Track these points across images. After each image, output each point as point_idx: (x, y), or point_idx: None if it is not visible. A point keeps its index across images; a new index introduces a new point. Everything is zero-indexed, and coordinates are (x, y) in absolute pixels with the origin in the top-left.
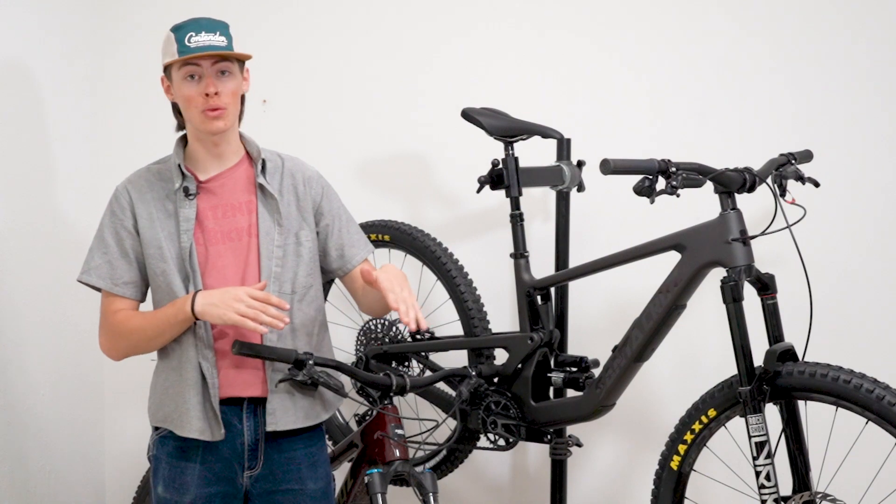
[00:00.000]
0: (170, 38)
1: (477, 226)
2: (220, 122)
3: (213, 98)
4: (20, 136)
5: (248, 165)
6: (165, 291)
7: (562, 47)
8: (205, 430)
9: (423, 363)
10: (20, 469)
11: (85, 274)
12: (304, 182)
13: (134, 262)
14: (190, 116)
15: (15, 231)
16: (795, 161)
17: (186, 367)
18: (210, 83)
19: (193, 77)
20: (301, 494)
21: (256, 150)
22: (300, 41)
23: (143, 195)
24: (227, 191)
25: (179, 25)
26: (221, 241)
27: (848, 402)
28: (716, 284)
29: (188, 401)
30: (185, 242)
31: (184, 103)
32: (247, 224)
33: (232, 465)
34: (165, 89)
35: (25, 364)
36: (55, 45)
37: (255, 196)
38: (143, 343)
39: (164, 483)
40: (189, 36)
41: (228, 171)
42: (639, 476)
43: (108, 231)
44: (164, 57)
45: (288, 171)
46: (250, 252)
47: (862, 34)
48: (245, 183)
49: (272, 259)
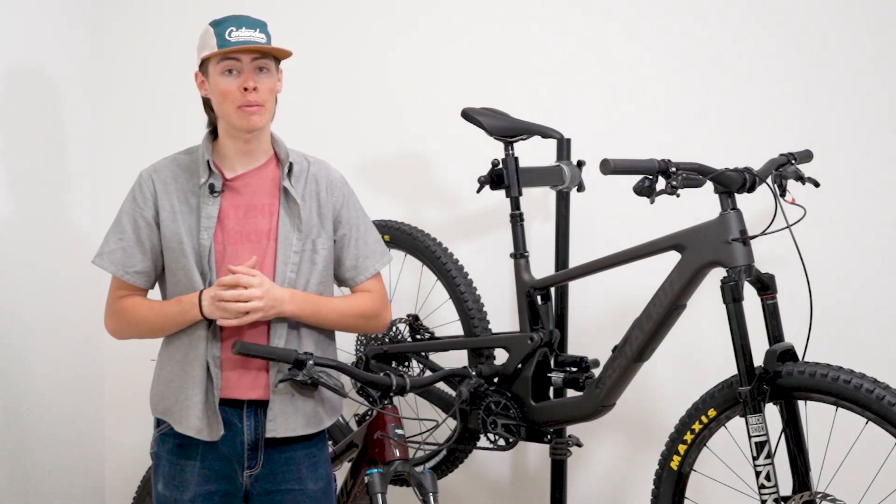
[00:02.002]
0: (208, 33)
1: (477, 226)
2: (256, 118)
3: (252, 93)
4: (23, 136)
5: (275, 167)
6: (186, 286)
7: (562, 47)
8: (202, 429)
9: (423, 363)
10: (20, 469)
11: (98, 257)
12: (328, 188)
13: (148, 252)
14: (225, 111)
15: (17, 231)
16: (795, 161)
17: (193, 364)
18: (249, 77)
19: (232, 72)
20: (301, 494)
21: (285, 153)
22: (300, 41)
23: (167, 186)
24: (251, 191)
25: (219, 20)
26: (240, 241)
27: (848, 402)
28: (716, 284)
29: (190, 398)
30: (205, 240)
31: (220, 98)
32: (267, 227)
33: (231, 463)
34: (199, 84)
35: (26, 364)
36: (59, 46)
37: (277, 199)
38: (148, 332)
39: (164, 480)
40: (230, 31)
41: (255, 170)
42: (639, 476)
43: (127, 217)
44: (201, 51)
45: (312, 176)
46: (267, 255)
47: (862, 34)
48: (270, 185)
49: (287, 265)
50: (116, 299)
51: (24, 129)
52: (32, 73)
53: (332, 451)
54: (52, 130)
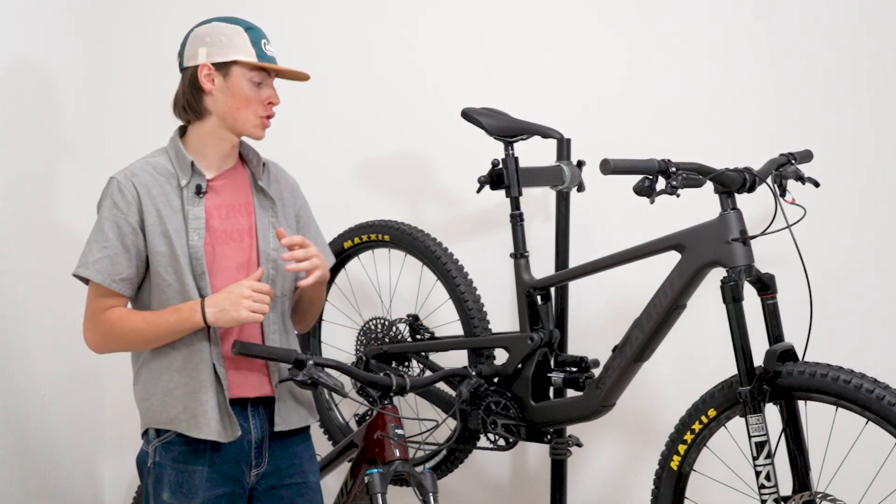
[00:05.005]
0: (241, 35)
1: (477, 226)
2: (265, 131)
3: (271, 108)
4: (21, 135)
5: (243, 167)
6: (177, 290)
7: (562, 47)
8: (221, 431)
9: (423, 363)
10: (20, 468)
11: (83, 268)
12: (290, 190)
13: (134, 259)
14: (242, 117)
15: (16, 229)
16: (795, 161)
17: (201, 369)
18: (275, 94)
19: (259, 83)
20: (304, 487)
21: (255, 154)
22: (300, 41)
23: (149, 190)
24: (229, 191)
25: (250, 25)
26: (226, 241)
27: (848, 402)
28: (716, 284)
29: (204, 402)
30: (197, 242)
31: (241, 103)
32: (247, 226)
33: (239, 464)
34: (205, 77)
35: (26, 364)
36: (58, 45)
37: (251, 198)
38: (139, 344)
39: (171, 489)
40: (263, 42)
41: (230, 171)
42: (639, 476)
43: (109, 224)
44: (229, 50)
45: (274, 178)
46: (252, 253)
47: (862, 34)
48: (243, 184)
49: (269, 262)
50: (100, 311)
51: (23, 128)
52: (32, 72)
53: (333, 451)
54: (50, 130)
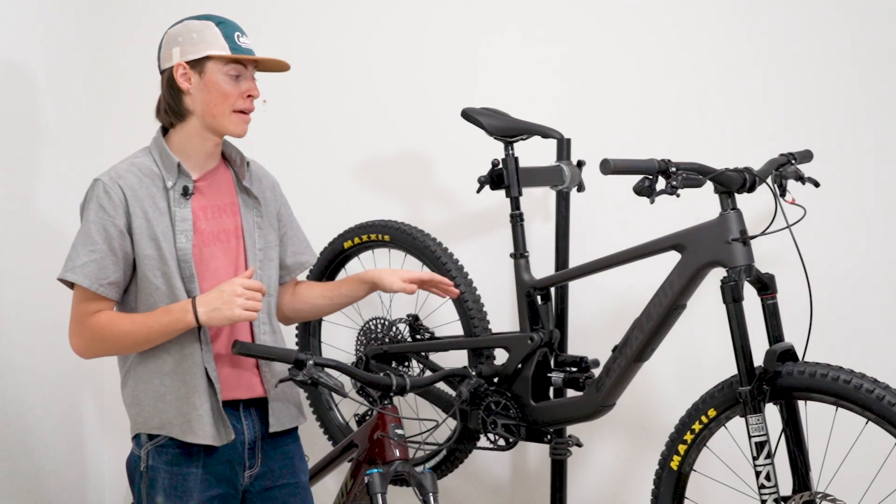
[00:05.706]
0: (211, 29)
1: (477, 226)
2: (246, 126)
3: (250, 101)
4: (14, 135)
5: (226, 167)
6: (165, 293)
7: (562, 47)
8: (215, 435)
9: (423, 363)
10: (20, 469)
11: (70, 272)
12: (271, 188)
13: (121, 262)
14: (220, 113)
15: (17, 230)
16: (795, 161)
17: (192, 373)
18: (254, 86)
19: (237, 76)
20: (297, 487)
21: (239, 154)
22: (300, 40)
23: (135, 192)
24: (213, 191)
25: (221, 20)
26: (213, 242)
27: (848, 402)
28: (716, 284)
29: (198, 407)
30: (185, 243)
31: (218, 98)
32: (233, 226)
33: (233, 466)
34: (181, 76)
35: (26, 364)
36: (53, 44)
37: (236, 198)
38: (129, 347)
39: (165, 492)
40: (237, 35)
41: (213, 171)
42: (639, 476)
43: (96, 227)
44: (201, 46)
45: (257, 177)
46: (239, 254)
47: (862, 34)
48: (226, 184)
49: (255, 262)
50: (87, 315)
51: (17, 128)
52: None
53: (333, 451)
54: (43, 130)
